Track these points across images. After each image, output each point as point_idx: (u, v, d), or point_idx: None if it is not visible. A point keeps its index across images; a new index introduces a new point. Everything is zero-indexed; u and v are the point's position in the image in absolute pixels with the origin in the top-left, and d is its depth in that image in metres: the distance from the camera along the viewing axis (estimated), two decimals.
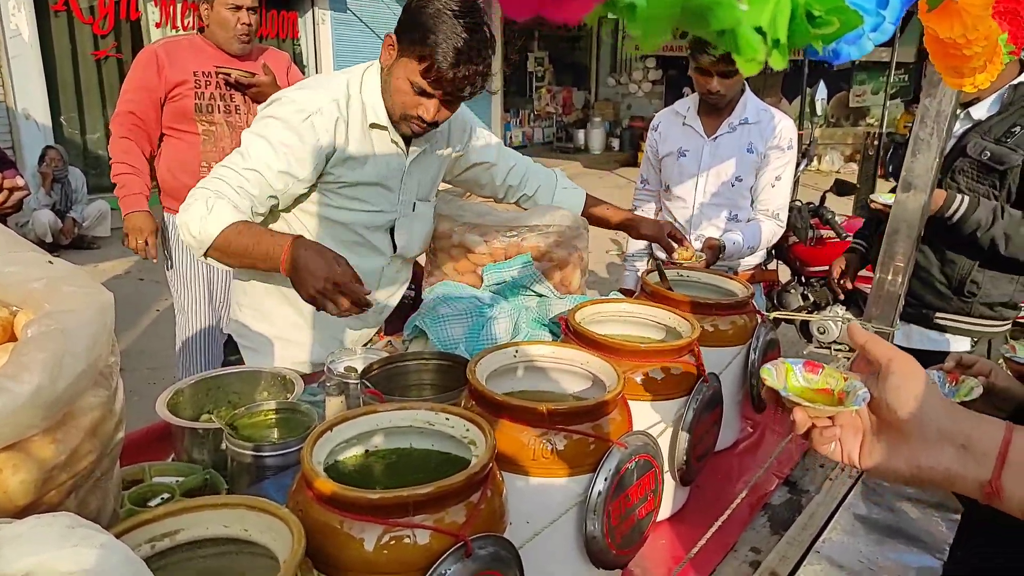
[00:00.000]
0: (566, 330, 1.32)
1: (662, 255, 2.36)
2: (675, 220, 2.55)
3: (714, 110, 2.43)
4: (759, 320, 1.52)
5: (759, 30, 0.37)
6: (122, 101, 2.82)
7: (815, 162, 12.98)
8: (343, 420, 0.95)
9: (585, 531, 1.00)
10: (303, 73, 3.28)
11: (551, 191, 1.99)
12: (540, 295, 1.63)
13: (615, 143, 15.69)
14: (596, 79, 17.19)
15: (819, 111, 5.27)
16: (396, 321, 2.54)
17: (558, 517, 0.97)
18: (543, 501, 1.01)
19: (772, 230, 2.46)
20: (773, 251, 4.33)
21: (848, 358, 1.16)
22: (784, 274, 4.48)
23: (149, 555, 0.76)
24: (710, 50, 2.21)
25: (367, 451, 1.00)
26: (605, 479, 1.00)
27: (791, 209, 4.15)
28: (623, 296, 1.57)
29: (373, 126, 1.63)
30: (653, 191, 2.69)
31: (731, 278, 1.63)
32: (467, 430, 0.96)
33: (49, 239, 6.95)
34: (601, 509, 1.00)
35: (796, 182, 4.44)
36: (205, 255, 1.51)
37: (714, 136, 2.44)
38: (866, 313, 1.72)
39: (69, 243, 7.24)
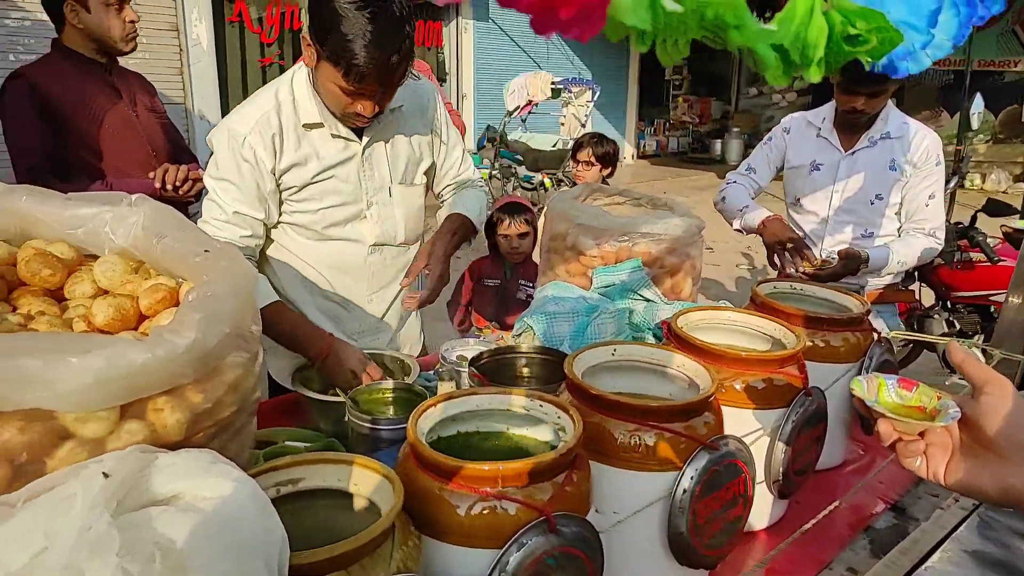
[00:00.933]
0: (668, 334, 1.34)
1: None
2: (805, 236, 2.45)
3: (854, 125, 2.32)
4: (875, 339, 1.48)
5: (779, 48, 0.40)
6: None
7: (978, 180, 11.95)
8: (447, 399, 1.04)
9: (670, 527, 1.03)
10: (446, 79, 3.45)
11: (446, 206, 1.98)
12: (648, 300, 1.66)
13: None
14: (736, 89, 16.70)
15: (975, 125, 4.87)
16: (504, 315, 2.64)
17: (643, 508, 1.01)
18: (632, 494, 1.05)
19: (929, 248, 2.31)
20: (916, 272, 4.07)
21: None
22: (928, 298, 4.19)
23: (275, 497, 0.88)
24: (857, 68, 2.10)
25: (467, 431, 1.08)
26: (692, 478, 1.03)
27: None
28: (731, 305, 1.57)
29: (307, 126, 1.67)
30: (757, 183, 2.53)
31: (848, 294, 1.59)
32: (558, 417, 1.02)
33: None
34: (687, 506, 1.02)
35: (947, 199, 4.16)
36: None
37: (852, 151, 2.33)
38: (994, 339, 1.61)
39: None
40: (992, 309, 3.77)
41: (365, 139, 1.74)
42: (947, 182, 4.09)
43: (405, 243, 1.89)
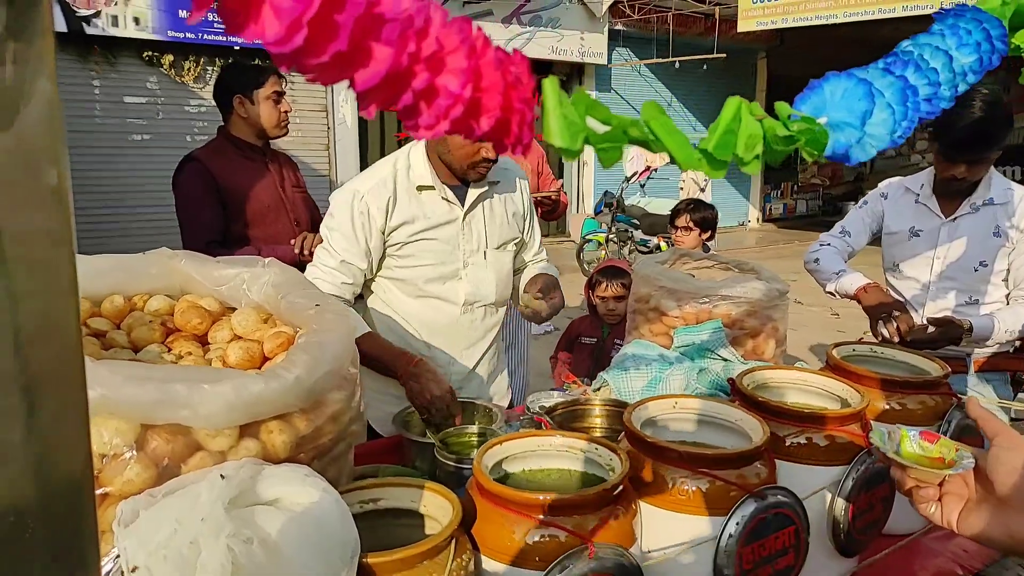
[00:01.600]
0: (734, 390, 1.42)
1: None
2: (906, 303, 2.39)
3: (955, 192, 2.28)
4: (954, 403, 1.47)
5: (706, 152, 0.53)
6: None
7: None
8: (512, 439, 1.18)
9: (715, 570, 1.10)
10: None
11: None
12: (725, 359, 1.72)
13: None
14: None
15: None
16: (599, 372, 2.73)
17: (686, 546, 1.09)
18: (681, 535, 1.13)
19: None
20: None
21: None
22: None
23: (359, 512, 1.04)
24: (959, 136, 2.07)
25: (534, 468, 1.21)
26: (737, 523, 1.09)
27: None
28: (807, 366, 1.62)
29: (420, 188, 1.90)
30: (850, 247, 2.49)
31: (930, 358, 1.59)
32: (611, 459, 1.13)
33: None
34: (733, 551, 1.09)
35: None
36: None
37: (953, 217, 2.28)
38: None
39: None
40: None
41: (466, 206, 1.95)
42: None
43: (495, 304, 2.07)
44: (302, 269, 2.39)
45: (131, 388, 0.85)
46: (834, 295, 2.40)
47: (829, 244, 2.51)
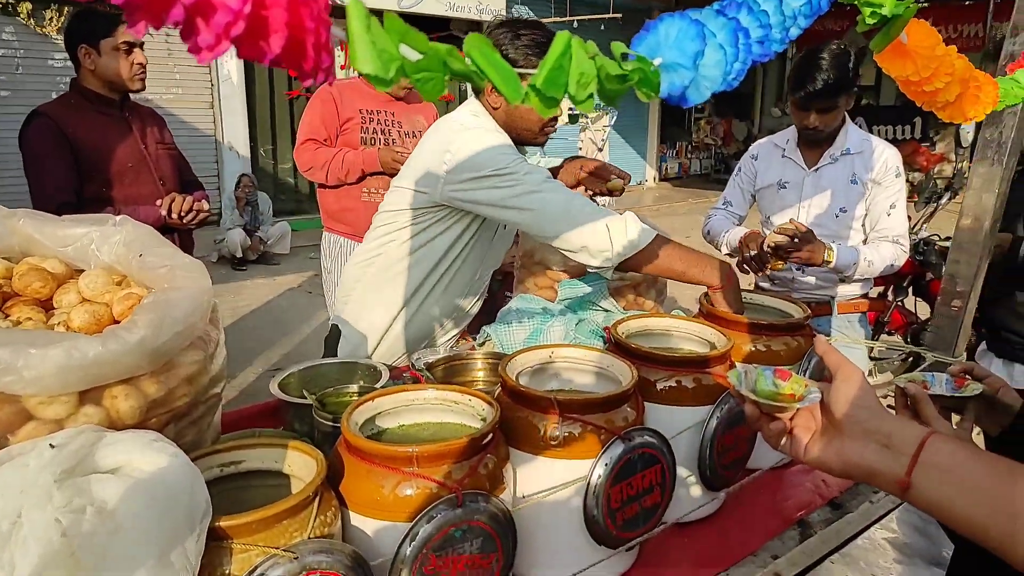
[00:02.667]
0: (609, 339, 1.45)
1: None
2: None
3: (814, 142, 2.42)
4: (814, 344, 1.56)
5: (536, 88, 0.52)
6: (306, 132, 3.14)
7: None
8: (384, 394, 1.16)
9: (585, 510, 1.13)
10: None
11: None
12: (607, 311, 1.76)
13: None
14: (760, 110, 16.74)
15: (964, 144, 4.91)
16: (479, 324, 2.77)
17: (556, 489, 1.11)
18: (553, 480, 1.15)
19: (894, 253, 2.38)
20: (911, 287, 4.09)
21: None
22: (924, 311, 4.20)
23: (219, 476, 1.00)
24: (808, 86, 2.23)
25: (408, 423, 1.19)
26: (606, 465, 1.12)
27: (928, 244, 3.92)
28: (682, 314, 1.67)
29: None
30: (735, 215, 2.66)
31: (794, 302, 1.67)
32: (483, 409, 1.13)
33: (239, 254, 7.91)
34: (601, 492, 1.12)
35: (933, 213, 4.18)
36: (622, 263, 1.66)
37: (815, 167, 2.43)
38: (928, 340, 1.67)
39: (256, 259, 8.19)
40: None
41: None
42: (940, 197, 4.13)
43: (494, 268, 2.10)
44: (168, 233, 2.25)
45: None
46: (732, 255, 2.51)
47: (715, 215, 2.66)
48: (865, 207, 2.39)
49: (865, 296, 2.53)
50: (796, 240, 2.14)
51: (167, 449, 0.86)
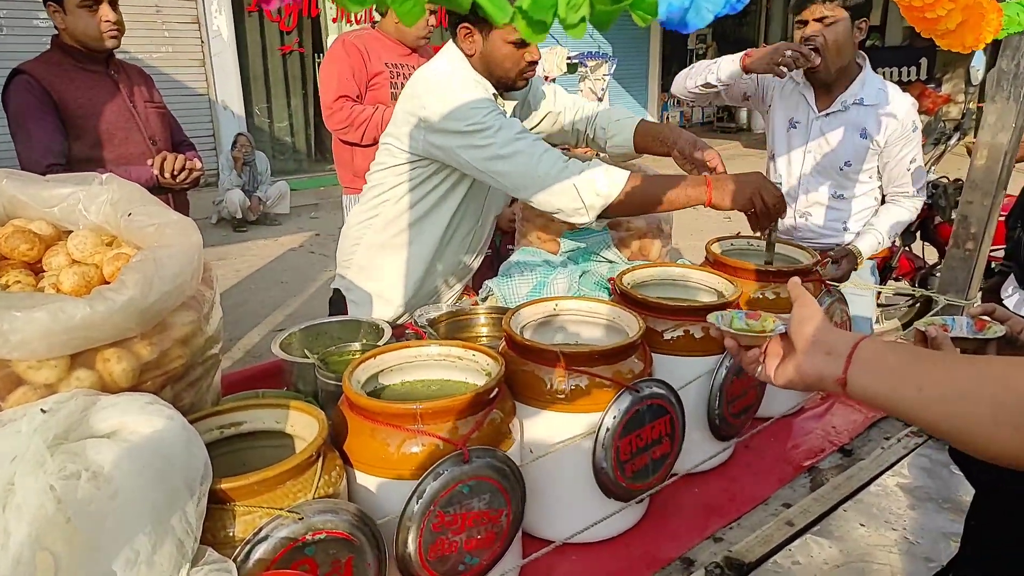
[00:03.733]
0: (614, 290, 1.41)
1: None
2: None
3: (825, 84, 2.29)
4: (824, 289, 1.53)
5: (523, 11, 0.47)
6: (336, 88, 2.91)
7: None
8: (386, 351, 1.13)
9: (594, 462, 1.11)
10: None
11: (609, 123, 2.07)
12: (611, 261, 1.72)
13: None
14: None
15: (974, 82, 4.78)
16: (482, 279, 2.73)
17: (564, 443, 1.09)
18: (561, 433, 1.13)
19: (914, 207, 2.33)
20: (919, 232, 4.03)
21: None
22: (932, 256, 4.15)
23: (219, 438, 0.98)
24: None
25: (411, 380, 1.17)
26: (614, 417, 1.10)
27: (936, 187, 3.85)
28: (688, 263, 1.63)
29: (494, 97, 1.78)
30: (721, 81, 2.36)
31: (802, 248, 1.63)
32: (487, 364, 1.10)
33: (239, 215, 7.83)
34: (610, 444, 1.10)
35: (941, 156, 4.09)
36: (601, 213, 1.61)
37: (825, 112, 2.32)
38: (940, 283, 1.64)
39: (255, 219, 8.12)
40: (992, 264, 3.72)
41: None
42: (948, 138, 4.03)
43: (494, 217, 2.07)
44: (161, 194, 2.19)
45: None
46: (715, 86, 2.36)
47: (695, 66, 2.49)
48: (877, 162, 2.30)
49: None
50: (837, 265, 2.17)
51: (163, 411, 0.83)
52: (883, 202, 2.39)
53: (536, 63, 1.79)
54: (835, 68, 2.21)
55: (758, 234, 1.67)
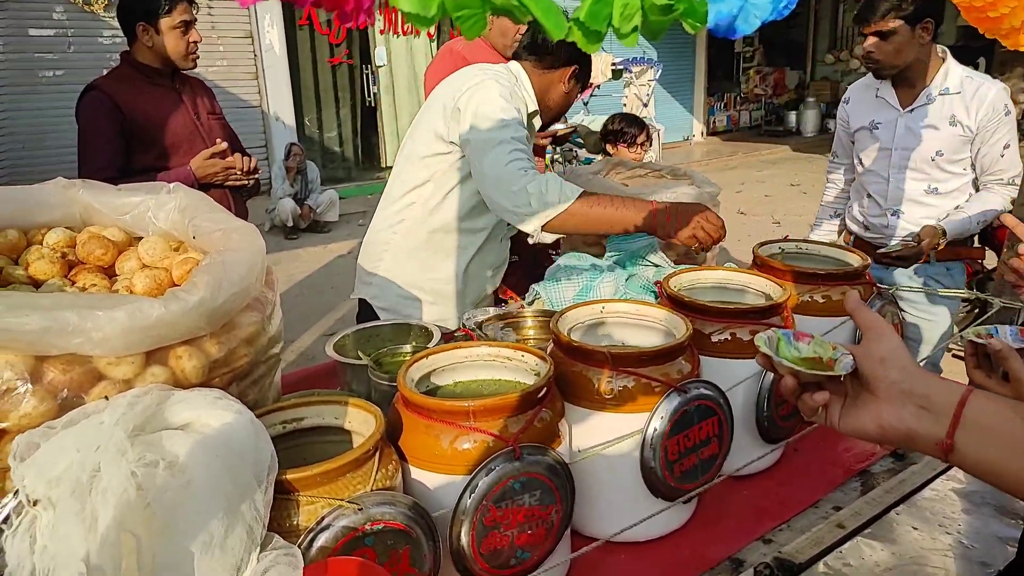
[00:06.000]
0: (661, 293, 1.43)
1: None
2: (868, 195, 2.47)
3: (907, 81, 2.30)
4: (875, 292, 1.51)
5: (579, 22, 0.50)
6: None
7: None
8: (439, 351, 1.17)
9: (642, 462, 1.13)
10: None
11: None
12: (657, 265, 1.73)
13: (831, 124, 14.58)
14: (812, 57, 16.09)
15: None
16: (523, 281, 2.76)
17: (612, 442, 1.11)
18: (610, 433, 1.14)
19: (1008, 196, 2.28)
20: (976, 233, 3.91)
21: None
22: (992, 259, 4.03)
23: (281, 432, 1.03)
24: (866, 12, 2.16)
25: (464, 380, 1.20)
26: (662, 417, 1.11)
27: None
28: (734, 266, 1.63)
29: (532, 114, 1.89)
30: (842, 163, 2.63)
31: (851, 251, 1.62)
32: (536, 364, 1.12)
33: (290, 223, 8.04)
34: (658, 444, 1.12)
35: None
36: (545, 226, 1.69)
37: (910, 108, 2.32)
38: (994, 289, 1.60)
39: (306, 227, 8.32)
40: None
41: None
42: None
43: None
44: (205, 190, 2.32)
45: (13, 317, 0.80)
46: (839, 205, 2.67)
47: (829, 170, 2.70)
48: (968, 150, 2.28)
49: (964, 243, 2.41)
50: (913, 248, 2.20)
51: (232, 406, 0.88)
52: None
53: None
54: (896, 67, 2.26)
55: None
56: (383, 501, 0.88)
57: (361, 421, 1.03)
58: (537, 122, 1.95)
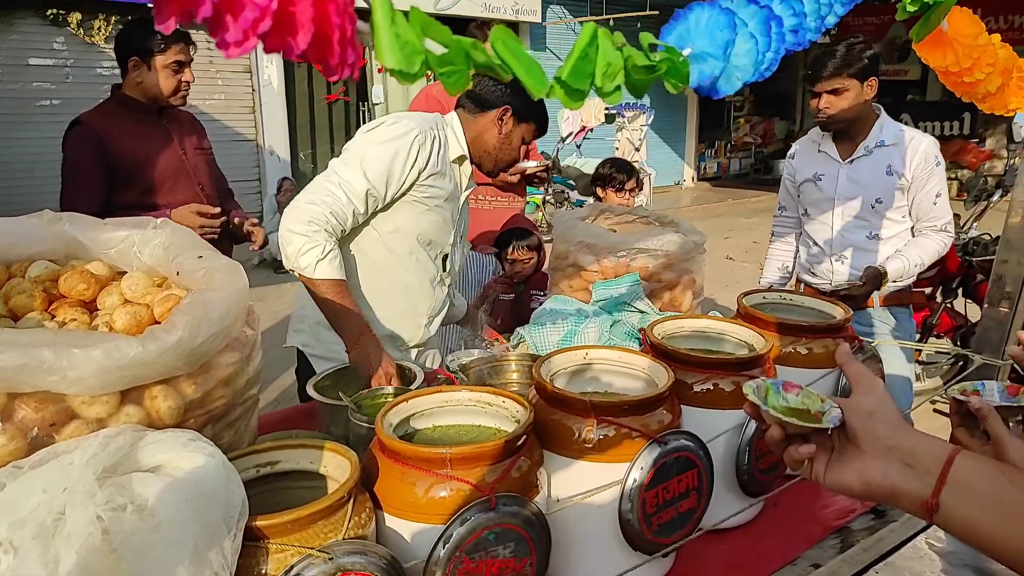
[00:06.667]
0: (645, 341, 1.43)
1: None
2: (814, 243, 2.58)
3: (847, 135, 2.43)
4: (856, 345, 1.52)
5: (562, 81, 0.51)
6: None
7: None
8: (418, 395, 1.16)
9: (620, 514, 1.11)
10: None
11: None
12: (642, 312, 1.74)
13: None
14: (801, 108, 16.43)
15: (1017, 138, 4.76)
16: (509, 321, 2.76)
17: (590, 493, 1.10)
18: (587, 484, 1.13)
19: (942, 242, 2.43)
20: (960, 288, 3.98)
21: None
22: (975, 313, 4.07)
23: (255, 476, 1.01)
24: (818, 72, 2.29)
25: (444, 425, 1.19)
26: (641, 468, 1.11)
27: (978, 243, 3.81)
28: (719, 315, 1.64)
29: (459, 159, 1.89)
30: (791, 218, 2.73)
31: (835, 303, 1.63)
32: (517, 411, 1.12)
33: (280, 257, 8.02)
34: (636, 496, 1.11)
35: (983, 212, 4.05)
36: (292, 270, 1.74)
37: (850, 159, 2.45)
38: (975, 342, 1.62)
39: None
40: None
41: (463, 191, 1.97)
42: (991, 195, 4.01)
43: (450, 285, 2.08)
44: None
45: None
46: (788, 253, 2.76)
47: (776, 224, 2.79)
48: (905, 199, 2.41)
49: (907, 288, 2.50)
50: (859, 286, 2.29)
51: (205, 449, 0.87)
52: None
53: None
54: (847, 121, 2.39)
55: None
56: (354, 550, 0.87)
57: (336, 466, 1.01)
58: (467, 168, 1.94)
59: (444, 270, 1.98)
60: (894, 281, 2.40)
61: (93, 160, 2.36)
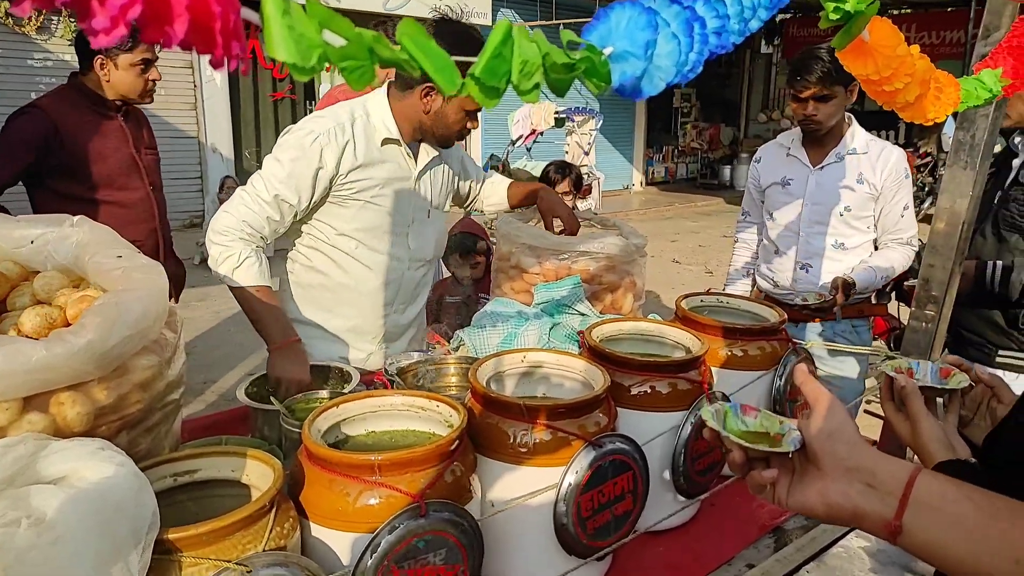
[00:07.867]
0: (583, 343, 1.42)
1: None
2: (778, 250, 2.55)
3: (818, 141, 2.42)
4: (790, 347, 1.54)
5: (476, 78, 0.49)
6: None
7: None
8: (349, 400, 1.13)
9: (555, 518, 1.10)
10: None
11: (487, 186, 2.25)
12: (583, 314, 1.73)
13: None
14: (746, 115, 16.81)
15: (946, 148, 4.96)
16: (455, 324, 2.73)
17: (524, 498, 1.08)
18: (523, 487, 1.12)
19: (907, 255, 2.43)
20: (893, 293, 4.10)
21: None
22: (906, 317, 4.22)
23: (172, 486, 0.97)
24: (804, 73, 2.25)
25: (379, 431, 1.16)
26: (576, 472, 1.10)
27: None
28: (658, 318, 1.65)
29: (386, 141, 1.84)
30: (754, 222, 2.71)
31: (770, 306, 1.66)
32: (450, 416, 1.10)
33: None
34: (572, 500, 1.09)
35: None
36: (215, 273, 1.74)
37: (820, 166, 2.42)
38: (902, 348, 1.67)
39: None
40: None
41: (419, 166, 1.91)
42: (922, 202, 4.15)
43: (431, 261, 2.05)
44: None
45: None
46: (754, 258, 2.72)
47: (738, 229, 2.76)
48: (873, 209, 2.39)
49: (868, 300, 2.52)
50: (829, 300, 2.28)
51: (114, 458, 0.83)
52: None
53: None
54: (830, 127, 2.37)
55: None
56: (275, 562, 0.83)
57: (259, 474, 0.98)
58: (393, 149, 1.87)
59: (410, 248, 1.95)
60: (859, 293, 2.38)
61: (30, 150, 2.28)
